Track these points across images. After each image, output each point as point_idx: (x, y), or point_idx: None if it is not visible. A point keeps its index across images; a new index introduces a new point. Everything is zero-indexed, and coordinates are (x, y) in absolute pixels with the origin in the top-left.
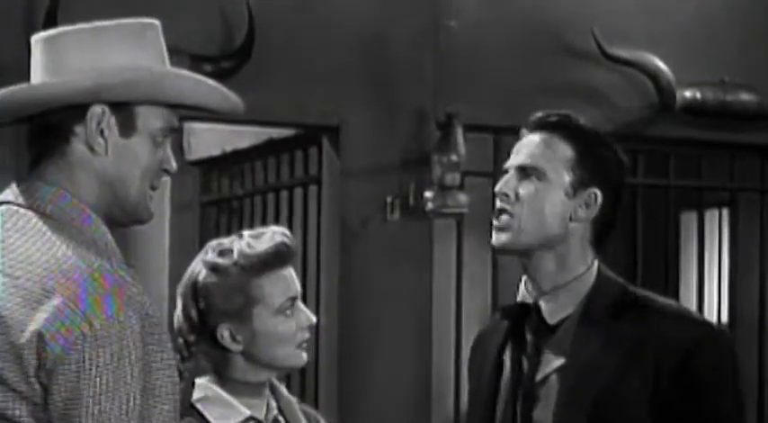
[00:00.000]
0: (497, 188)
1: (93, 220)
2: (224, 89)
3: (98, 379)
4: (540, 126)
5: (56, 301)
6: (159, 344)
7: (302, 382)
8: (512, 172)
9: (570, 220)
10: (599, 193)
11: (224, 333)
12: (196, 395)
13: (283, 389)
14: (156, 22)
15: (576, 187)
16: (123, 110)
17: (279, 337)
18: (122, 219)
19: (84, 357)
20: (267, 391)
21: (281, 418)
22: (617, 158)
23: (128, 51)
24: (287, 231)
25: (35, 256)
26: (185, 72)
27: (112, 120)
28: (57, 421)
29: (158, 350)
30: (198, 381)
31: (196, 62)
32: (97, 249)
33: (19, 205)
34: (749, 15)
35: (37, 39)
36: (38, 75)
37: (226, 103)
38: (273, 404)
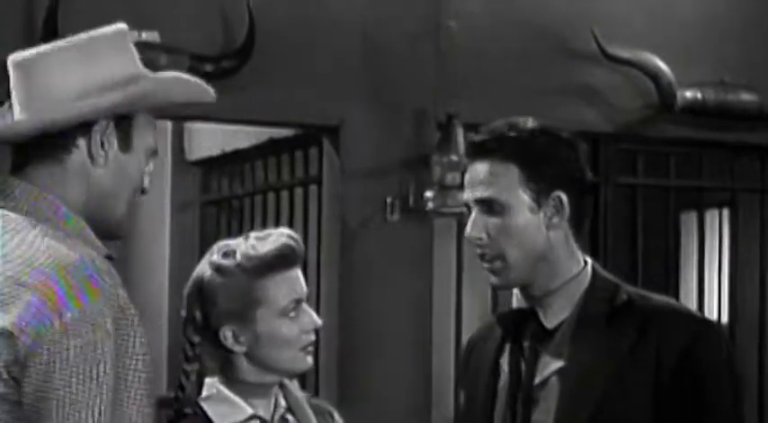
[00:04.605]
0: (467, 233)
1: (68, 215)
2: (201, 82)
3: (68, 371)
4: (478, 153)
5: (28, 295)
6: (132, 338)
7: (302, 382)
8: (474, 211)
9: (548, 229)
10: (562, 194)
11: (227, 334)
12: (203, 394)
13: (293, 386)
14: (124, 26)
15: (538, 199)
16: (123, 124)
17: (282, 340)
18: (101, 232)
19: (54, 350)
20: (276, 390)
21: (289, 417)
22: (566, 151)
23: (115, 61)
24: (293, 233)
25: (10, 254)
26: (172, 74)
27: (113, 133)
28: (29, 414)
29: (131, 344)
30: (207, 380)
31: (196, 62)
32: (73, 243)
33: None
34: (749, 15)
35: (14, 63)
36: (24, 99)
37: (206, 95)
38: (282, 402)
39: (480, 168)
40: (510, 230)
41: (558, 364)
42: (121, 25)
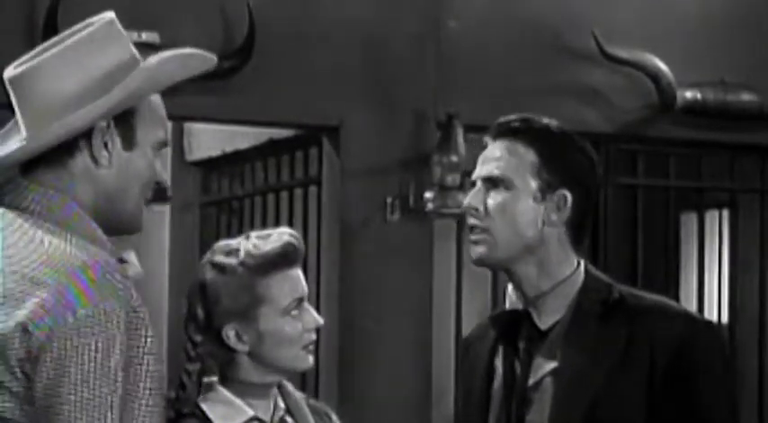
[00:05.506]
0: (465, 202)
1: (81, 215)
2: (196, 51)
3: (80, 367)
4: (501, 133)
5: (42, 292)
6: (143, 338)
7: (302, 382)
8: (479, 184)
9: (544, 224)
10: (568, 194)
11: (230, 333)
12: (202, 394)
13: (291, 387)
14: (111, 15)
15: (544, 191)
16: (124, 122)
17: (285, 338)
18: (115, 228)
19: (67, 346)
20: (275, 391)
21: (288, 418)
22: (585, 158)
23: (109, 55)
24: (294, 232)
25: (24, 252)
26: (158, 57)
27: (115, 133)
28: (39, 410)
29: (142, 344)
30: (205, 380)
31: None
32: (85, 243)
33: (8, 207)
34: (749, 16)
35: (10, 79)
36: (26, 114)
37: (206, 63)
38: (281, 404)
39: (500, 145)
40: (507, 210)
41: (551, 364)
42: (109, 15)
